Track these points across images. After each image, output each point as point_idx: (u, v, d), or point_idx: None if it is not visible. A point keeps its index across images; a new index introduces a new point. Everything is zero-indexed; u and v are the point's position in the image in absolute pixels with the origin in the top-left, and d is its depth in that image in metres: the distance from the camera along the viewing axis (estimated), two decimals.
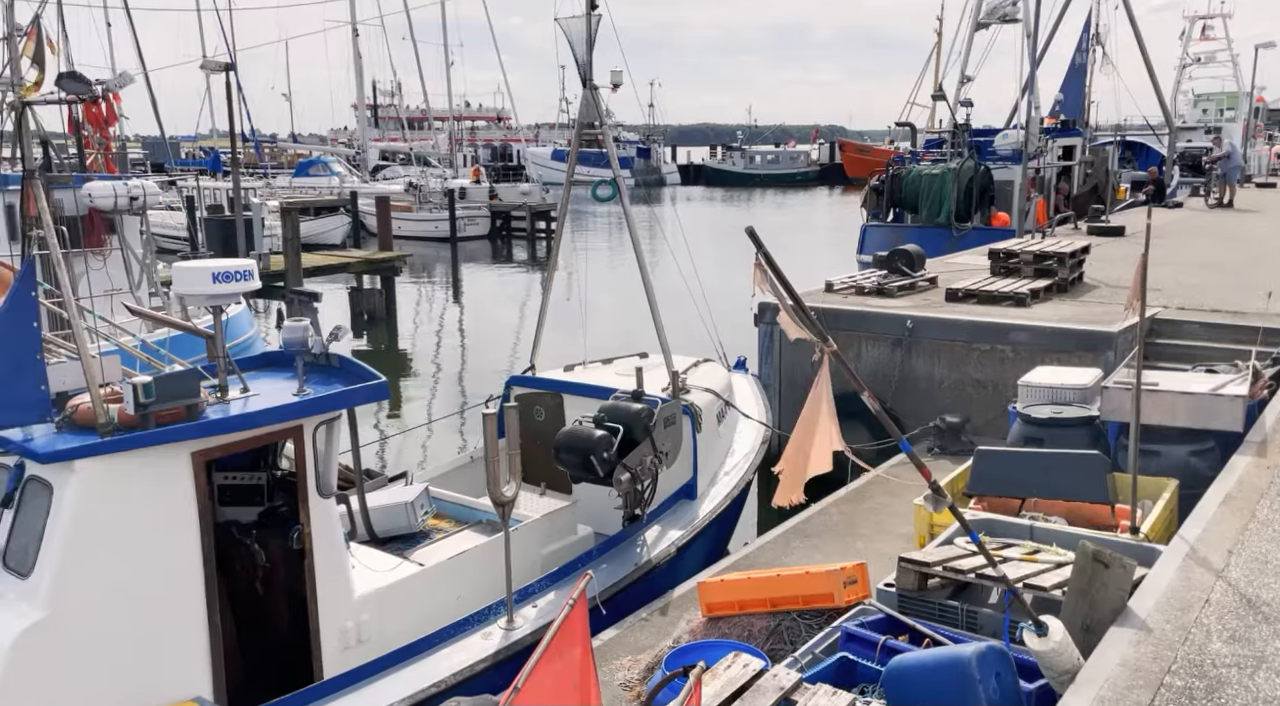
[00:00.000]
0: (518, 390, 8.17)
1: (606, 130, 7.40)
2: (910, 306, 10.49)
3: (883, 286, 11.20)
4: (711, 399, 7.88)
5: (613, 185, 7.60)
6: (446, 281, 29.96)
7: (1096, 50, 27.79)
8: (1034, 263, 11.38)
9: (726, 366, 9.52)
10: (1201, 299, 10.57)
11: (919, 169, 22.88)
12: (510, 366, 18.02)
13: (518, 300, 25.86)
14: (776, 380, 10.85)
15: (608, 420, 6.53)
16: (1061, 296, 10.96)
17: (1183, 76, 38.31)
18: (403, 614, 5.77)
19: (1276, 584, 3.96)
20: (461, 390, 15.32)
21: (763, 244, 3.64)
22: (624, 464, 6.41)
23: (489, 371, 15.67)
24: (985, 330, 9.58)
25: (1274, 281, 11.16)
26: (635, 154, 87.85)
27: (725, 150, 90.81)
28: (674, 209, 66.76)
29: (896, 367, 10.04)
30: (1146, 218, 6.10)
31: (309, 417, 5.29)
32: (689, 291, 9.19)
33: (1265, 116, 39.49)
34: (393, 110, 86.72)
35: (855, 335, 10.32)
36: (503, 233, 39.70)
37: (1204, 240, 16.26)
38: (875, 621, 4.21)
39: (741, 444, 8.39)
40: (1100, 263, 13.71)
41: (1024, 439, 6.37)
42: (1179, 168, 28.42)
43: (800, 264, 12.03)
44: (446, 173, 45.85)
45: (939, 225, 22.00)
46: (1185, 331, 9.54)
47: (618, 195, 7.52)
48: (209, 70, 16.15)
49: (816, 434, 3.73)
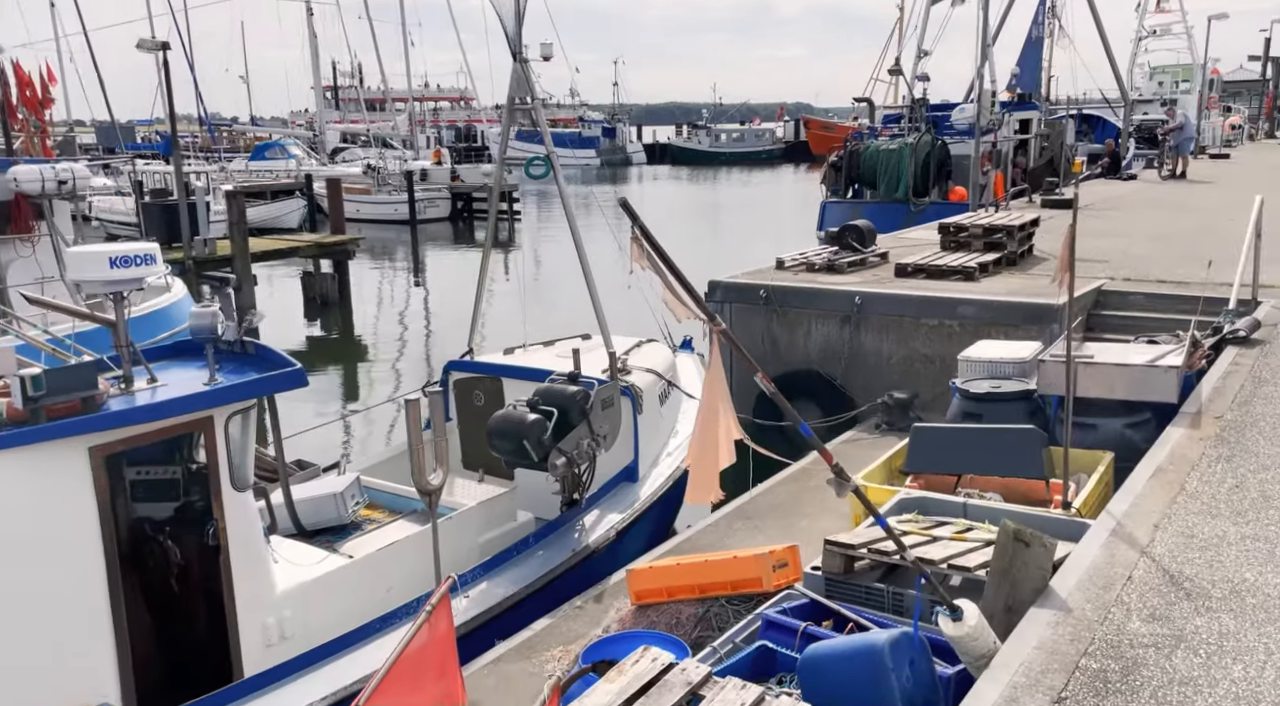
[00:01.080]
0: (456, 375, 7.98)
1: (537, 106, 7.17)
2: (860, 282, 10.40)
3: (833, 263, 11.10)
4: (653, 380, 7.73)
5: (546, 162, 7.35)
6: (404, 264, 29.53)
7: (1052, 23, 27.87)
8: (984, 236, 11.33)
9: (671, 346, 9.39)
10: (1148, 270, 10.58)
11: (877, 145, 22.81)
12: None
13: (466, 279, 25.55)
14: (727, 359, 10.72)
15: (542, 404, 6.36)
16: (1011, 270, 10.92)
17: (1139, 49, 38.55)
18: (329, 608, 5.60)
19: (1200, 559, 3.89)
20: (411, 374, 15.06)
21: (637, 216, 3.45)
22: (559, 448, 6.26)
23: (443, 356, 15.45)
24: (933, 305, 9.51)
25: (1220, 251, 11.19)
26: (600, 133, 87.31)
27: (691, 129, 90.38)
28: (640, 187, 66.67)
29: (846, 344, 9.95)
30: (1074, 190, 6.00)
31: (219, 408, 5.07)
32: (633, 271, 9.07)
33: (1220, 88, 39.88)
34: (353, 91, 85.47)
35: (805, 313, 10.22)
36: (464, 214, 39.21)
37: (1155, 211, 16.34)
38: (798, 607, 4.10)
39: (686, 424, 8.25)
40: (1051, 235, 13.67)
41: (963, 414, 6.29)
42: (1134, 140, 28.60)
43: (762, 241, 11.94)
44: (406, 154, 45.20)
45: (897, 201, 22.00)
46: (1131, 302, 9.53)
47: (551, 172, 7.30)
48: (145, 49, 15.61)
49: (719, 425, 3.57)
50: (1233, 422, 5.49)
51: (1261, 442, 5.18)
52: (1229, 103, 43.62)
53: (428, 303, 22.92)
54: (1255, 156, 30.20)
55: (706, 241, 32.45)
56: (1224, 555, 3.91)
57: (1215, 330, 7.70)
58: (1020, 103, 24.93)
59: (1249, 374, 6.41)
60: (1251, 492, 4.55)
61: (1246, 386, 6.14)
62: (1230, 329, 7.38)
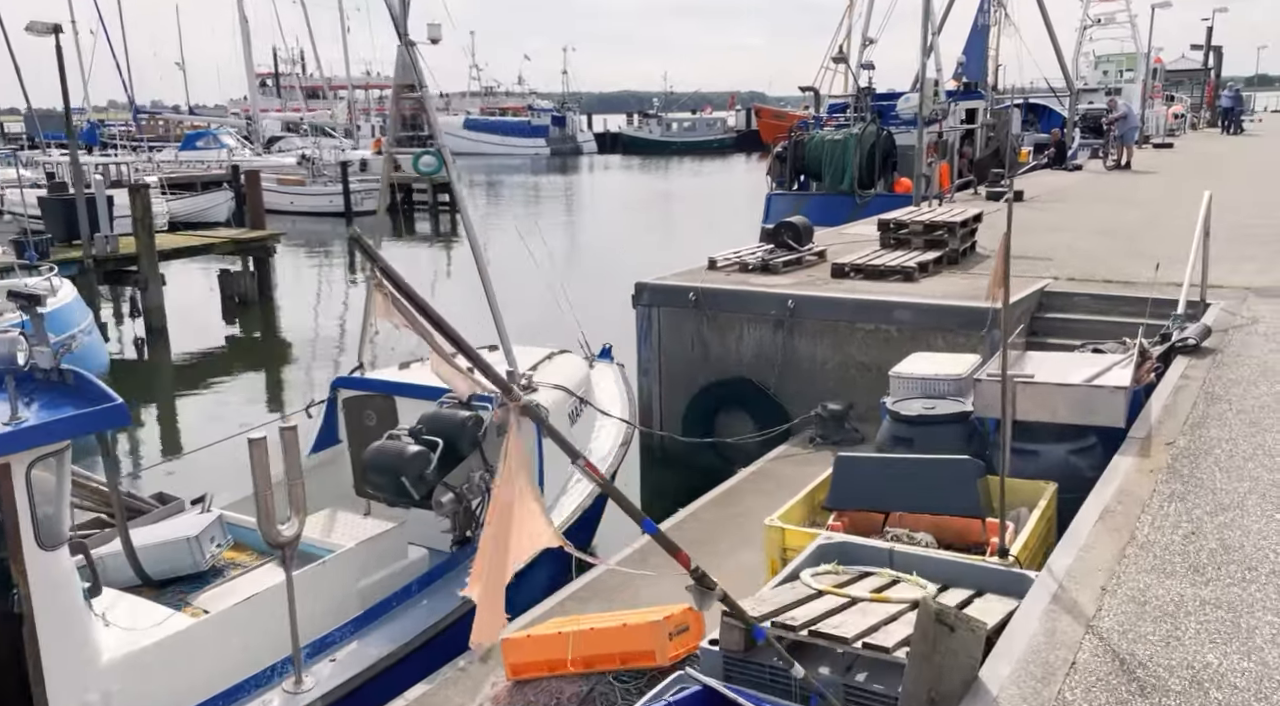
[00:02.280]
0: (345, 392, 7.21)
1: (426, 93, 6.39)
2: (794, 284, 9.78)
3: (768, 262, 10.47)
4: (562, 397, 7.02)
5: (437, 156, 6.55)
6: (340, 259, 28.40)
7: (998, 12, 27.59)
8: (924, 234, 10.78)
9: (590, 355, 8.69)
10: (1094, 268, 10.11)
11: (821, 135, 22.28)
12: (391, 355, 16.91)
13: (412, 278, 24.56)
14: (656, 366, 10.07)
15: (426, 432, 5.62)
16: (952, 269, 10.39)
17: (1084, 38, 38.57)
18: (172, 678, 4.82)
19: (1155, 634, 3.30)
20: (325, 383, 14.16)
21: (378, 256, 2.66)
22: (446, 483, 5.53)
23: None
24: (868, 308, 8.92)
25: (1167, 246, 10.78)
26: (550, 122, 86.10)
27: (642, 118, 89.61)
28: (590, 176, 65.74)
29: (779, 350, 9.33)
30: (1007, 198, 5.44)
31: (18, 454, 4.26)
32: (554, 271, 8.38)
33: (1163, 77, 40.12)
34: (294, 79, 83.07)
35: (737, 316, 9.57)
36: (404, 206, 38.00)
37: (1101, 204, 16.00)
38: (690, 697, 3.44)
39: (601, 443, 7.57)
40: (995, 230, 13.24)
41: (892, 439, 5.68)
42: (1080, 130, 28.48)
43: (711, 234, 11.34)
44: (344, 144, 43.82)
45: (842, 193, 21.50)
46: (1076, 304, 9.03)
47: (443, 167, 6.53)
48: (35, 33, 14.43)
49: (513, 527, 2.81)
50: (1185, 450, 4.94)
51: (1218, 475, 4.63)
52: (1171, 92, 43.96)
53: (356, 300, 21.90)
54: (1198, 146, 30.29)
55: (653, 234, 31.79)
56: (1182, 628, 3.32)
57: (1164, 337, 7.20)
58: (966, 92, 24.61)
59: (1200, 389, 5.89)
60: (1210, 541, 3.98)
61: (1199, 404, 5.61)
62: (1180, 337, 6.87)
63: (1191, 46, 38.95)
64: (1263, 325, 7.38)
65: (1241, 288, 8.82)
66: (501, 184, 56.73)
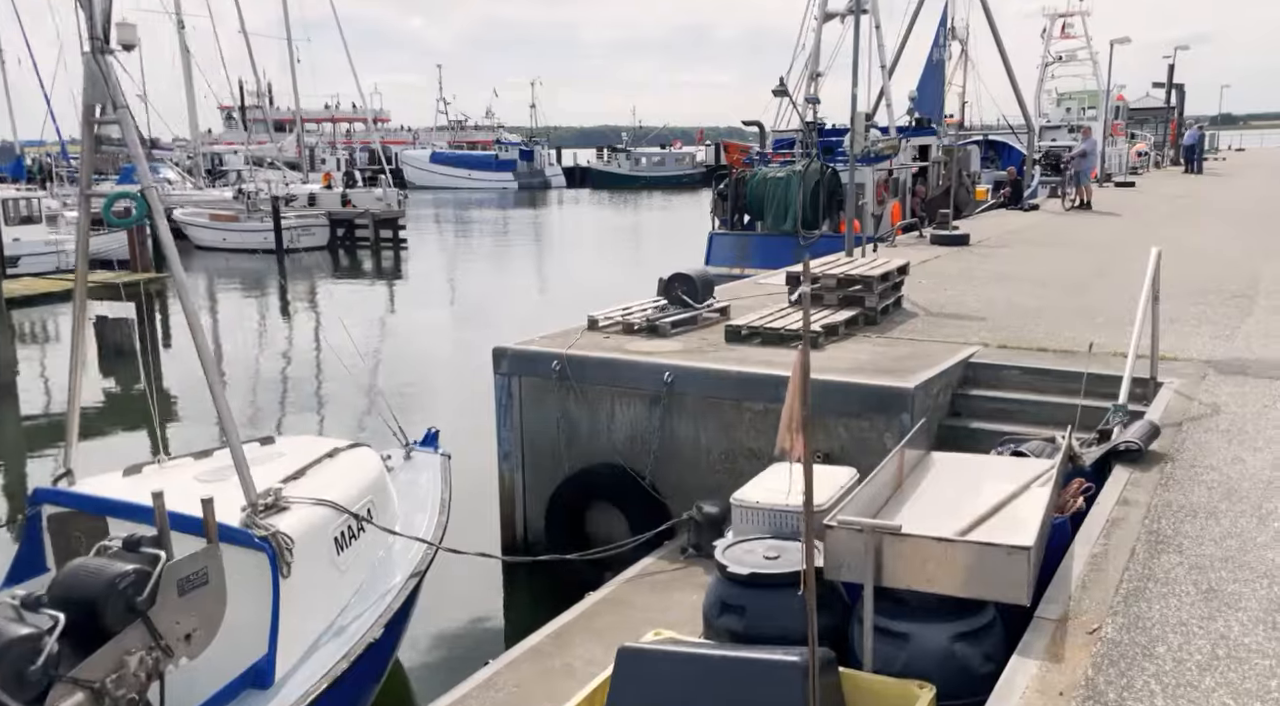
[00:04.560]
0: (50, 508, 5.55)
1: (123, 114, 4.80)
2: (680, 350, 8.23)
3: (655, 323, 8.92)
4: (325, 517, 5.38)
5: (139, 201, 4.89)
6: (256, 302, 26.65)
7: (952, 44, 26.55)
8: (838, 289, 9.29)
9: (407, 444, 7.08)
10: (1032, 330, 8.65)
11: (764, 172, 20.95)
12: (280, 409, 15.25)
13: (335, 324, 22.88)
14: (518, 448, 8.46)
15: (50, 604, 3.96)
16: (869, 331, 8.88)
17: (1045, 75, 37.87)
18: None
19: None
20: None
21: None
22: (74, 678, 3.87)
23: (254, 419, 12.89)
24: (756, 384, 7.38)
25: (1117, 300, 9.37)
26: (518, 156, 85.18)
27: (611, 152, 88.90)
28: (559, 210, 64.41)
29: (656, 433, 7.76)
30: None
31: None
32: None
33: (1126, 114, 39.44)
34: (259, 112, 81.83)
35: (608, 390, 8.01)
36: (345, 242, 36.36)
37: (1051, 249, 14.65)
38: None
39: (389, 574, 5.87)
40: (931, 279, 11.82)
41: (719, 606, 4.09)
42: (1039, 167, 27.40)
43: (650, 277, 9.89)
44: (290, 177, 42.27)
45: (786, 233, 20.13)
46: (1005, 380, 7.54)
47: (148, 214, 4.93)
48: None
49: None
50: (1116, 645, 3.39)
51: (1159, 698, 3.07)
52: (1134, 130, 43.36)
53: (258, 349, 20.18)
54: (1160, 184, 29.32)
55: (602, 271, 30.42)
56: None
57: (1102, 435, 5.69)
58: (919, 127, 23.42)
59: (1143, 526, 4.36)
60: None
61: (1138, 554, 4.07)
62: (1120, 440, 5.35)
63: (1154, 84, 38.31)
64: (1224, 417, 5.90)
65: (1200, 360, 7.37)
66: (462, 218, 55.27)
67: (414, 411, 13.47)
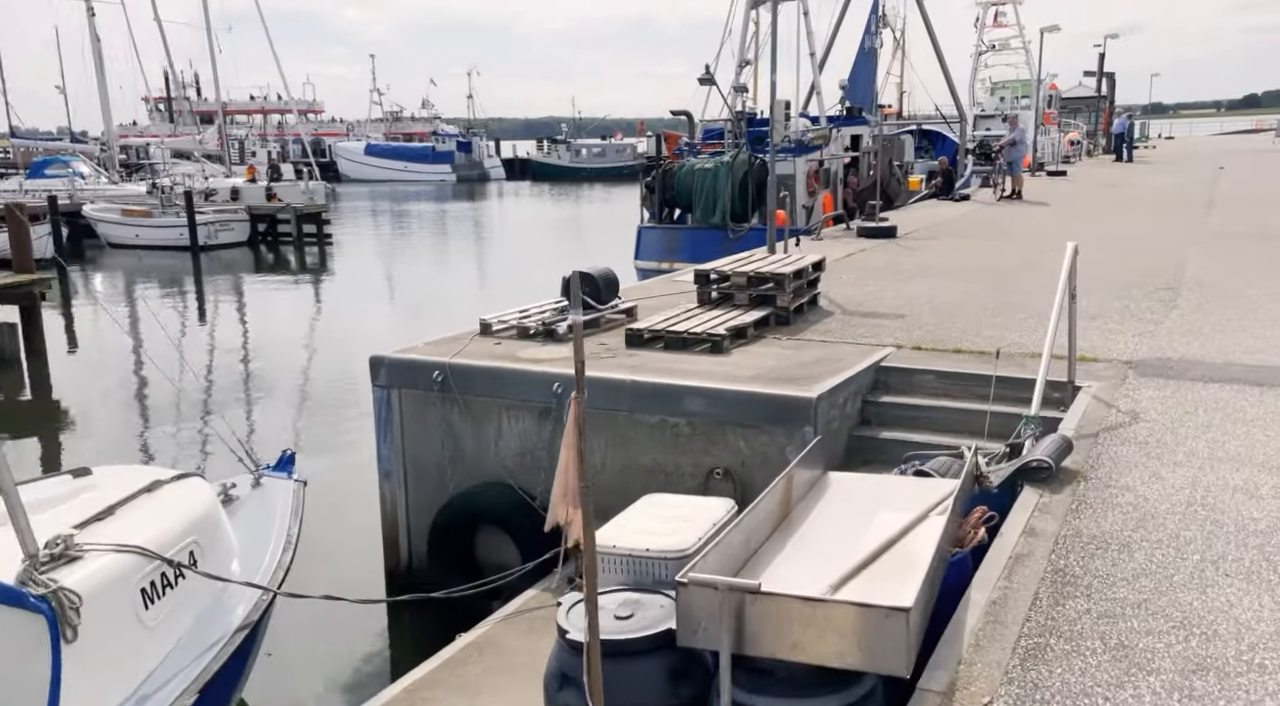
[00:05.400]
0: None
1: None
2: (571, 358, 7.56)
3: (552, 327, 8.26)
4: (130, 565, 4.62)
5: None
6: (161, 303, 25.32)
7: (884, 33, 26.27)
8: (749, 287, 8.72)
9: (256, 469, 6.32)
10: (949, 330, 8.18)
11: (691, 163, 20.37)
12: (126, 429, 13.85)
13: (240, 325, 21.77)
14: (400, 466, 7.75)
15: None
16: (780, 332, 8.33)
17: (979, 64, 37.93)
18: None
19: None
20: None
21: None
22: None
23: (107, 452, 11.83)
24: (652, 395, 6.77)
25: (1040, 295, 8.93)
26: (455, 148, 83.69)
27: (551, 144, 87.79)
28: (499, 203, 63.19)
29: (546, 449, 7.11)
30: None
31: None
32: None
33: (1058, 103, 39.71)
34: (186, 104, 79.31)
35: (494, 403, 7.34)
36: (267, 238, 34.98)
37: (978, 241, 14.30)
38: None
39: (236, 612, 5.16)
40: (853, 274, 11.35)
41: (559, 678, 3.46)
42: (972, 157, 27.28)
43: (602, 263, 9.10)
44: (211, 170, 40.64)
45: (715, 226, 19.61)
46: (917, 385, 7.03)
47: None
48: None
49: None
50: None
51: None
52: (1068, 118, 43.74)
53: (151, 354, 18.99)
54: (1092, 173, 29.45)
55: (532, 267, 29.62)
56: None
57: (1013, 449, 5.18)
58: (850, 117, 23.04)
59: (1049, 564, 3.83)
60: None
61: (1041, 602, 3.53)
62: (1030, 456, 4.84)
63: (1085, 73, 38.61)
64: (1143, 426, 5.44)
65: (1121, 361, 6.94)
66: (396, 212, 53.86)
67: (307, 423, 12.55)
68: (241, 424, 11.72)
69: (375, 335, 19.55)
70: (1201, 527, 4.09)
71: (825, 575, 3.71)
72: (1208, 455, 4.93)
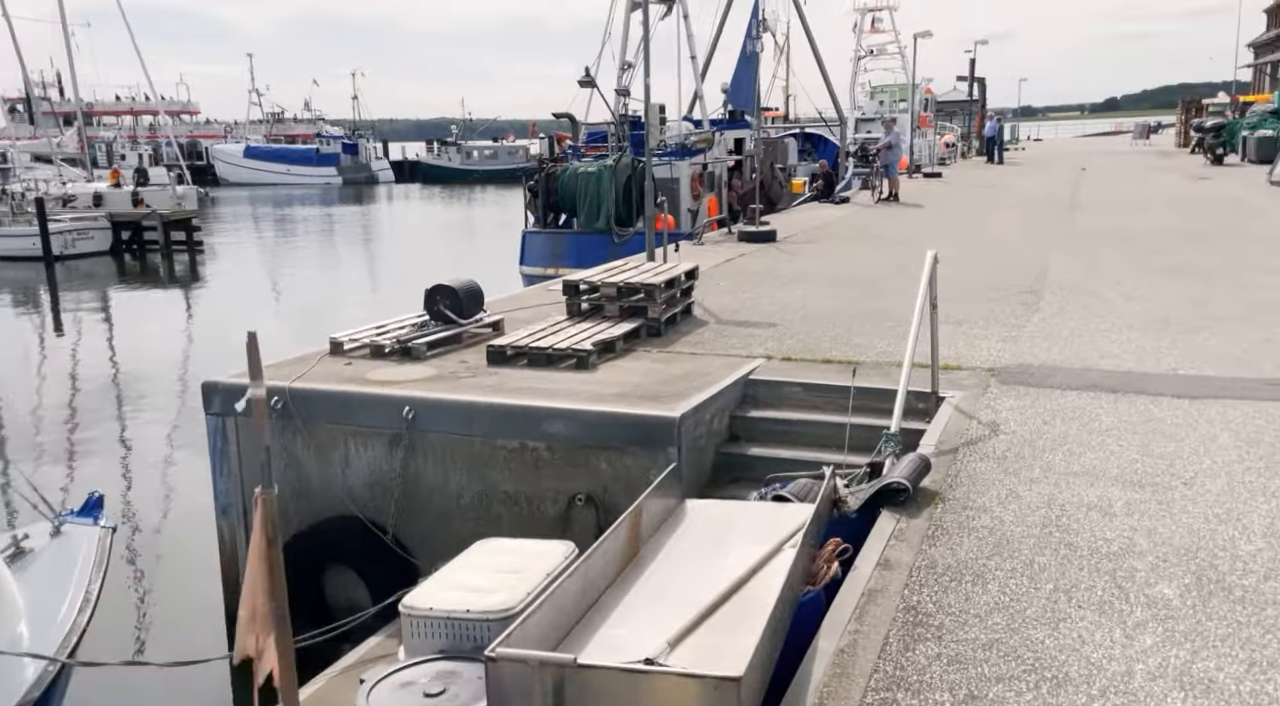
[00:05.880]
0: None
1: None
2: (428, 377, 7.10)
3: (409, 344, 7.75)
4: None
5: None
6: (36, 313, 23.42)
7: (764, 37, 26.46)
8: (619, 298, 8.40)
9: (56, 517, 5.64)
10: (819, 339, 8.05)
11: (574, 167, 20.02)
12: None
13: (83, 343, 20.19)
14: (238, 500, 7.11)
15: None
16: (651, 344, 8.04)
17: (859, 68, 38.82)
18: None
19: None
20: None
21: None
22: None
23: None
24: (510, 418, 6.36)
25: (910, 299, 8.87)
26: (340, 150, 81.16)
27: (441, 146, 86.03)
28: (389, 206, 61.32)
29: (398, 478, 6.61)
30: None
31: None
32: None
33: (934, 107, 41.00)
34: (47, 104, 74.64)
35: (340, 430, 6.79)
36: (132, 246, 32.91)
37: (855, 244, 14.41)
38: None
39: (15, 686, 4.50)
40: (731, 280, 11.19)
41: None
42: (853, 160, 27.79)
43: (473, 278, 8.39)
44: (70, 175, 38.08)
45: (600, 231, 19.31)
46: (785, 398, 6.84)
47: None
48: None
49: None
50: None
51: None
52: (943, 122, 45.26)
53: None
54: (965, 174, 30.43)
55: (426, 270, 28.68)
56: None
57: (874, 468, 5.00)
58: (732, 121, 23.10)
59: (901, 602, 3.61)
60: None
61: (891, 648, 3.29)
62: (889, 479, 4.66)
63: (959, 78, 39.99)
64: (1002, 439, 5.35)
65: (984, 368, 6.91)
66: (278, 216, 51.61)
67: (141, 457, 11.32)
68: (59, 461, 10.69)
69: (235, 351, 18.47)
70: (1055, 552, 3.95)
71: (667, 626, 3.40)
72: (1064, 469, 4.85)
